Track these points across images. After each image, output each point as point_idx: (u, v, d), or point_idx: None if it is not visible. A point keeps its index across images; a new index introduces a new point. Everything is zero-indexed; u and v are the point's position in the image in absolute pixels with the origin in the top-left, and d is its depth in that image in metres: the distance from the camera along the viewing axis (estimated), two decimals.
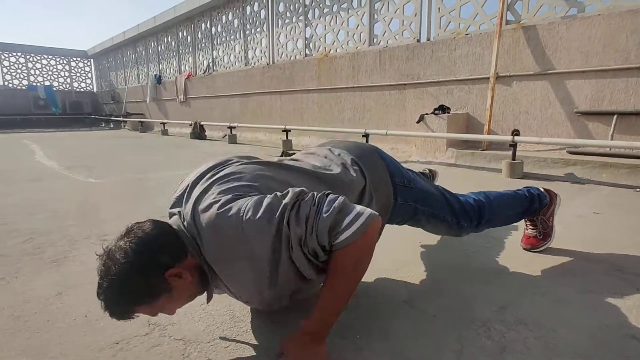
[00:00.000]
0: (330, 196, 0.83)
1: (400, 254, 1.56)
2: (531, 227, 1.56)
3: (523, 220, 1.59)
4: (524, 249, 1.57)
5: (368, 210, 0.81)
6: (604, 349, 0.93)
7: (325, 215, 0.79)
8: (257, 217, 0.80)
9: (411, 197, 1.22)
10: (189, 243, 0.87)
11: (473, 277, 1.35)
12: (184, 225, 0.89)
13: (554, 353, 0.92)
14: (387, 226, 1.22)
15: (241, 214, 0.81)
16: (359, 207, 0.82)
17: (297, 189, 0.85)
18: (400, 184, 1.20)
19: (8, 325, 1.08)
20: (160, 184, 3.13)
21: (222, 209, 0.82)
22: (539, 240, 1.54)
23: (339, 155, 1.16)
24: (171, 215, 0.97)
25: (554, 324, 1.04)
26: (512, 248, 1.61)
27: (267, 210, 0.80)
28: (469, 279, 1.34)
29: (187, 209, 0.90)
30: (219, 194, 0.87)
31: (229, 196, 0.85)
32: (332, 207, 0.80)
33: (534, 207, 1.50)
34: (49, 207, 2.38)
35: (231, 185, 0.89)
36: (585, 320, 1.06)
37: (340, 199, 0.82)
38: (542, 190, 1.54)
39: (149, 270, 0.82)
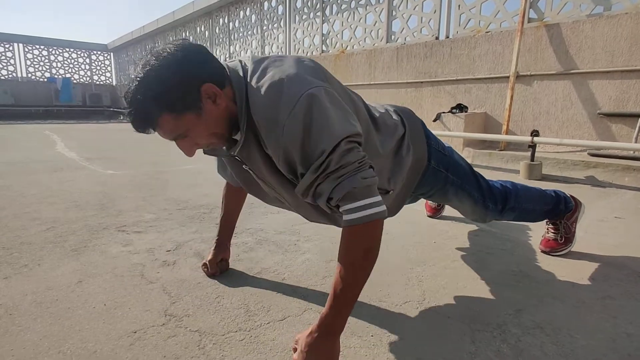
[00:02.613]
0: (373, 170, 0.83)
1: (414, 253, 1.55)
2: (553, 231, 1.53)
3: (544, 223, 1.57)
4: (543, 251, 1.54)
5: (384, 206, 0.82)
6: (624, 357, 0.91)
7: (360, 177, 0.79)
8: (322, 113, 0.78)
9: (443, 164, 1.21)
10: (237, 84, 0.84)
11: (489, 278, 1.33)
12: (241, 71, 0.86)
13: (571, 359, 0.90)
14: (400, 225, 1.22)
15: (306, 99, 0.78)
16: (380, 198, 0.82)
17: (362, 133, 0.84)
18: (435, 148, 1.20)
19: (31, 310, 1.11)
20: (177, 177, 3.18)
21: (292, 75, 0.81)
22: (560, 244, 1.51)
23: (381, 105, 1.17)
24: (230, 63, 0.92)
25: (572, 329, 1.02)
26: (530, 250, 1.58)
27: (332, 119, 0.79)
28: (484, 280, 1.32)
29: (252, 62, 0.87)
30: (296, 63, 0.86)
31: (306, 71, 0.83)
32: (368, 178, 0.80)
33: (560, 209, 1.47)
34: (70, 197, 2.44)
35: (310, 65, 0.88)
36: (604, 326, 1.04)
37: (376, 178, 0.82)
38: (568, 195, 1.51)
39: (187, 75, 0.79)
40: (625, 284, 1.29)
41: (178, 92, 0.79)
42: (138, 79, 0.79)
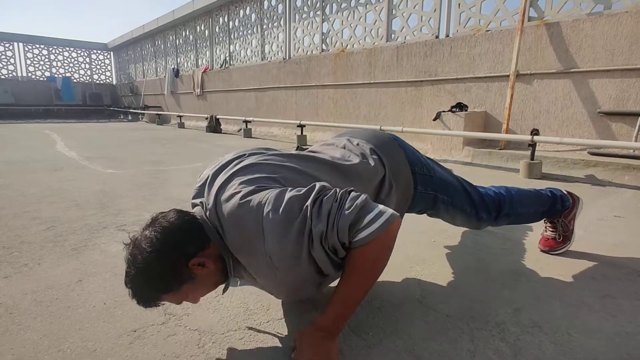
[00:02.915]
0: (353, 193, 0.83)
1: (414, 252, 1.55)
2: (551, 229, 1.53)
3: (543, 222, 1.57)
4: (542, 250, 1.54)
5: (390, 210, 0.81)
6: (622, 355, 0.91)
7: (347, 212, 0.79)
8: (279, 212, 0.80)
9: (431, 186, 1.21)
10: (211, 233, 0.89)
11: (488, 277, 1.34)
12: (206, 215, 0.91)
13: (570, 358, 0.90)
14: (402, 223, 1.22)
15: (262, 207, 0.81)
16: (380, 206, 0.82)
17: (319, 185, 0.85)
18: (420, 173, 1.20)
19: (31, 309, 1.11)
20: (177, 176, 3.18)
21: (243, 200, 0.84)
22: (558, 243, 1.51)
23: (357, 145, 1.15)
24: (193, 205, 0.99)
25: (571, 328, 1.02)
26: (530, 250, 1.58)
27: (288, 207, 0.81)
28: (484, 279, 1.32)
29: (209, 199, 0.91)
30: (240, 184, 0.88)
31: (251, 187, 0.86)
32: (354, 204, 0.80)
33: (556, 208, 1.47)
34: (70, 197, 2.45)
35: (253, 176, 0.90)
36: (603, 325, 1.04)
37: (363, 196, 0.82)
38: (564, 192, 1.51)
39: (173, 260, 0.85)
40: (625, 283, 1.29)
41: (170, 277, 0.85)
42: (132, 275, 0.84)
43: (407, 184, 1.17)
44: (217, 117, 8.38)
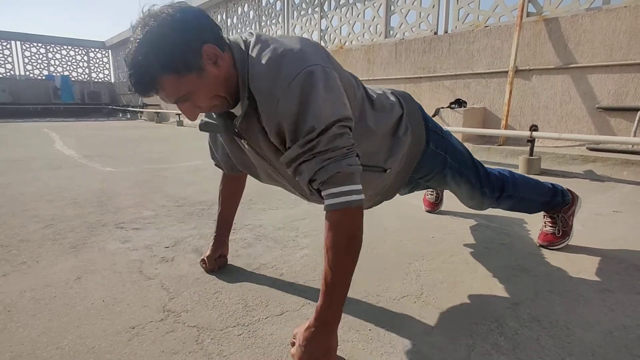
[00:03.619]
0: (359, 159, 0.84)
1: (413, 247, 1.55)
2: (550, 224, 1.53)
3: (542, 217, 1.57)
4: (541, 245, 1.54)
5: (362, 196, 0.83)
6: (621, 349, 0.91)
7: (345, 163, 0.80)
8: (317, 94, 0.78)
9: (442, 146, 1.22)
10: (238, 52, 0.85)
11: (487, 273, 1.34)
12: (244, 42, 0.87)
13: (568, 352, 0.90)
14: (398, 219, 1.22)
15: (306, 75, 0.79)
16: (360, 186, 0.83)
17: (352, 118, 0.85)
18: (433, 130, 1.21)
19: (29, 307, 1.11)
20: (176, 174, 3.17)
21: (293, 54, 0.81)
22: (557, 238, 1.51)
23: (378, 88, 1.17)
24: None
25: (569, 322, 1.02)
26: (528, 245, 1.58)
27: (326, 100, 0.79)
28: (482, 274, 1.32)
29: (253, 35, 0.88)
30: (297, 41, 0.86)
31: (307, 49, 0.84)
32: (353, 165, 0.81)
33: (557, 201, 1.47)
34: (68, 195, 2.44)
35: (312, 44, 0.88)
36: (602, 319, 1.04)
37: (360, 167, 0.83)
38: (565, 188, 1.51)
39: (188, 34, 0.78)
40: (623, 277, 1.29)
41: (179, 52, 0.78)
42: (138, 40, 0.77)
43: (420, 134, 1.17)
44: None
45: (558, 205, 1.49)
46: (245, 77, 0.85)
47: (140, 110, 12.61)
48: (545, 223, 1.56)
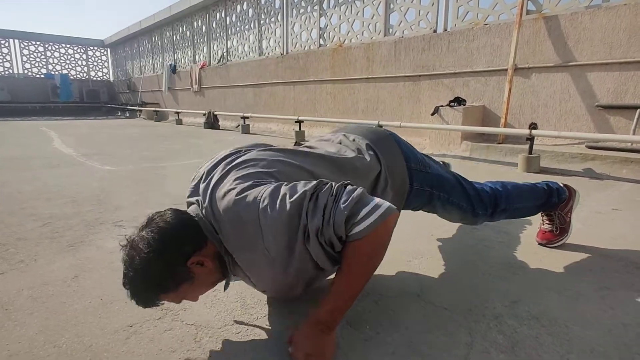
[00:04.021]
0: (349, 187, 0.83)
1: (412, 246, 1.55)
2: (548, 222, 1.53)
3: (540, 215, 1.56)
4: (540, 244, 1.54)
5: (386, 203, 0.81)
6: (620, 346, 0.91)
7: (343, 205, 0.78)
8: (275, 207, 0.80)
9: (427, 182, 1.21)
10: (208, 231, 0.88)
11: (486, 271, 1.33)
12: (202, 213, 0.91)
13: (567, 350, 0.90)
14: (400, 216, 1.21)
15: (258, 203, 0.81)
16: (377, 199, 0.81)
17: (314, 182, 0.84)
18: (416, 169, 1.19)
19: (26, 305, 1.11)
20: (175, 172, 3.17)
21: (239, 196, 0.83)
22: (555, 236, 1.51)
23: (353, 140, 1.15)
24: (189, 204, 0.98)
25: (569, 320, 1.02)
26: (527, 243, 1.58)
27: (284, 201, 0.80)
28: (481, 273, 1.32)
29: (205, 197, 0.91)
30: (235, 180, 0.87)
31: (247, 183, 0.86)
32: (350, 198, 0.79)
33: (552, 201, 1.47)
34: (67, 193, 2.44)
35: (248, 172, 0.90)
36: (601, 317, 1.04)
37: (359, 190, 0.82)
38: (561, 185, 1.50)
39: (171, 260, 0.84)
40: (623, 275, 1.29)
41: (168, 277, 0.85)
42: (130, 276, 0.83)
43: (403, 180, 1.16)
44: (215, 113, 8.35)
45: (554, 204, 1.49)
46: (221, 243, 0.88)
47: (139, 108, 12.59)
48: (543, 221, 1.56)
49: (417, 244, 1.58)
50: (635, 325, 1.00)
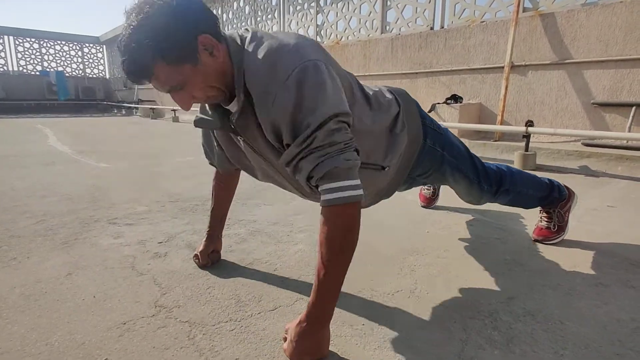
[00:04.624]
0: (357, 154, 0.83)
1: (408, 242, 1.54)
2: (546, 219, 1.53)
3: (538, 212, 1.57)
4: (536, 240, 1.54)
5: (361, 191, 0.82)
6: (614, 342, 0.91)
7: (342, 157, 0.79)
8: (307, 89, 0.77)
9: (439, 143, 1.21)
10: (234, 46, 0.83)
11: (482, 267, 1.33)
12: (240, 36, 0.85)
13: (562, 346, 0.90)
14: (394, 215, 1.21)
15: (302, 70, 0.78)
16: (358, 181, 0.82)
17: (349, 115, 0.84)
18: (430, 127, 1.20)
19: (19, 303, 1.10)
20: (171, 170, 3.15)
21: (290, 46, 0.80)
22: (553, 233, 1.51)
23: (374, 85, 1.16)
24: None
25: (564, 316, 1.02)
26: (523, 239, 1.58)
27: (318, 96, 0.78)
28: (477, 269, 1.32)
29: (250, 33, 0.86)
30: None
31: (302, 48, 0.82)
32: (352, 159, 0.80)
33: (553, 196, 1.47)
34: (61, 190, 2.42)
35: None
36: (596, 313, 1.04)
37: (358, 162, 0.82)
38: (562, 184, 1.52)
39: (185, 22, 0.76)
40: (618, 271, 1.29)
41: (174, 40, 0.76)
42: (132, 26, 0.75)
43: (417, 131, 1.16)
44: None
45: (555, 200, 1.49)
46: (241, 72, 0.83)
47: (136, 106, 12.52)
48: (541, 218, 1.56)
49: (413, 240, 1.57)
50: (629, 320, 1.00)
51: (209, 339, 0.94)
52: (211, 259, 1.33)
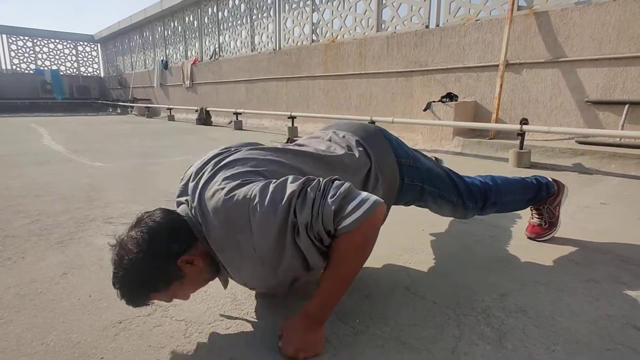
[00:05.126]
0: (337, 182, 0.83)
1: (402, 240, 1.56)
2: (537, 216, 1.55)
3: (529, 209, 1.58)
4: (529, 237, 1.55)
5: (373, 197, 0.81)
6: (604, 337, 0.93)
7: (330, 200, 0.79)
8: (264, 204, 0.79)
9: (417, 177, 1.21)
10: (197, 231, 0.88)
11: (475, 265, 1.35)
12: (191, 213, 0.90)
13: (553, 341, 0.92)
14: (390, 212, 1.22)
15: (247, 201, 0.81)
16: (364, 194, 0.81)
17: (302, 178, 0.84)
18: (407, 164, 1.20)
19: (14, 303, 1.10)
20: (166, 169, 3.15)
21: (228, 196, 0.82)
22: (544, 229, 1.53)
23: (343, 137, 1.15)
24: (179, 204, 0.98)
25: (555, 312, 1.04)
26: (517, 237, 1.60)
27: (273, 198, 0.80)
28: (471, 267, 1.33)
29: (194, 196, 0.90)
30: (224, 180, 0.87)
31: (235, 182, 0.85)
32: (338, 192, 0.79)
33: (541, 195, 1.49)
34: (56, 190, 2.41)
35: (237, 172, 0.89)
36: (586, 309, 1.05)
37: (346, 184, 0.82)
38: (550, 179, 1.52)
39: (161, 259, 0.84)
40: (609, 267, 1.31)
41: (158, 276, 0.85)
42: (119, 275, 0.83)
43: (394, 176, 1.17)
44: (207, 109, 8.30)
45: (543, 198, 1.50)
46: (209, 246, 0.88)
47: (131, 104, 12.46)
48: (532, 215, 1.58)
49: (408, 239, 1.58)
50: (619, 316, 1.02)
51: (205, 337, 0.94)
52: None
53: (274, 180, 0.84)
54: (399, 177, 1.18)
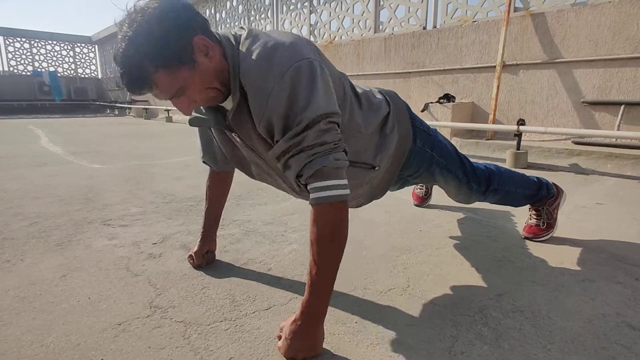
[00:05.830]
0: (345, 154, 0.85)
1: (400, 241, 1.56)
2: (535, 217, 1.56)
3: (527, 210, 1.59)
4: (526, 237, 1.57)
5: (348, 191, 0.84)
6: (600, 336, 0.94)
7: (332, 158, 0.81)
8: (304, 84, 0.79)
9: (428, 144, 1.23)
10: (228, 45, 0.84)
11: (472, 265, 1.36)
12: (234, 35, 0.87)
13: (549, 340, 0.93)
14: (387, 213, 1.23)
15: (300, 69, 0.79)
16: (346, 181, 0.84)
17: (338, 120, 0.85)
18: (420, 128, 1.22)
19: (13, 305, 1.10)
20: (165, 170, 3.15)
21: (284, 45, 0.81)
22: (542, 230, 1.54)
23: (365, 86, 1.18)
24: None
25: (551, 311, 1.05)
26: (514, 237, 1.61)
27: (311, 96, 0.80)
28: (468, 267, 1.34)
29: (245, 32, 0.87)
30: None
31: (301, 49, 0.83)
32: (341, 160, 0.82)
33: (542, 194, 1.50)
34: (54, 192, 2.41)
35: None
36: (583, 308, 1.06)
37: (346, 162, 0.84)
38: (550, 182, 1.54)
39: (178, 26, 0.77)
40: (604, 267, 1.32)
41: (170, 47, 0.76)
42: (127, 37, 0.75)
43: (407, 132, 1.17)
44: None
45: (543, 198, 1.52)
46: (236, 70, 0.84)
47: (129, 106, 12.44)
48: (530, 215, 1.59)
49: (406, 239, 1.59)
50: (614, 315, 1.03)
51: (204, 339, 0.95)
52: (206, 260, 1.34)
53: (328, 83, 0.85)
54: (412, 138, 1.19)
